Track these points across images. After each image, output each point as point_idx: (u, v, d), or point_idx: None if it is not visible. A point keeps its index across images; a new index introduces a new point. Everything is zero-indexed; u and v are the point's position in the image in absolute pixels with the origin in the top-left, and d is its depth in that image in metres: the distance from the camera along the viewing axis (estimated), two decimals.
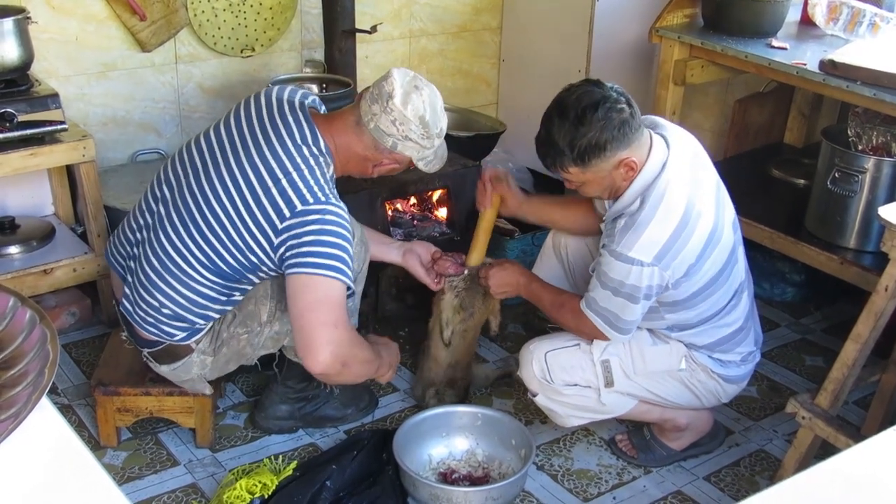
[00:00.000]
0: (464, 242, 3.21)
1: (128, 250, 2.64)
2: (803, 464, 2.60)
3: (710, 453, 2.92)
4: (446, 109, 4.56)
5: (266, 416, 2.93)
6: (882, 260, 2.45)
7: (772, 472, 2.84)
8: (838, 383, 2.52)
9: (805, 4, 3.61)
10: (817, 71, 3.09)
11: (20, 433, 1.16)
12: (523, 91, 4.45)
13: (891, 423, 1.54)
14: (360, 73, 3.73)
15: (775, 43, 3.37)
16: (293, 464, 2.71)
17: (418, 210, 3.56)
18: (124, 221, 2.69)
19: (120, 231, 2.69)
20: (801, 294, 3.79)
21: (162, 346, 2.60)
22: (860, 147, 3.24)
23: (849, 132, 3.29)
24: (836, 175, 3.20)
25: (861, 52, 3.10)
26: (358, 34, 3.55)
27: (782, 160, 4.01)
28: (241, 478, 2.61)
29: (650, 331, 2.66)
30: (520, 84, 4.47)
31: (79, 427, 2.92)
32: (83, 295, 3.45)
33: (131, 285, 2.59)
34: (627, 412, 2.75)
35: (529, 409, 3.03)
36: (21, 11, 3.09)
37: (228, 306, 2.59)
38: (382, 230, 3.16)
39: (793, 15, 3.63)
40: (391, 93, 2.43)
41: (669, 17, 3.61)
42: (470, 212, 3.40)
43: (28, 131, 3.02)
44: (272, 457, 2.80)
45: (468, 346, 3.02)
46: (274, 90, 2.60)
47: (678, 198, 2.42)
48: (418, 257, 2.92)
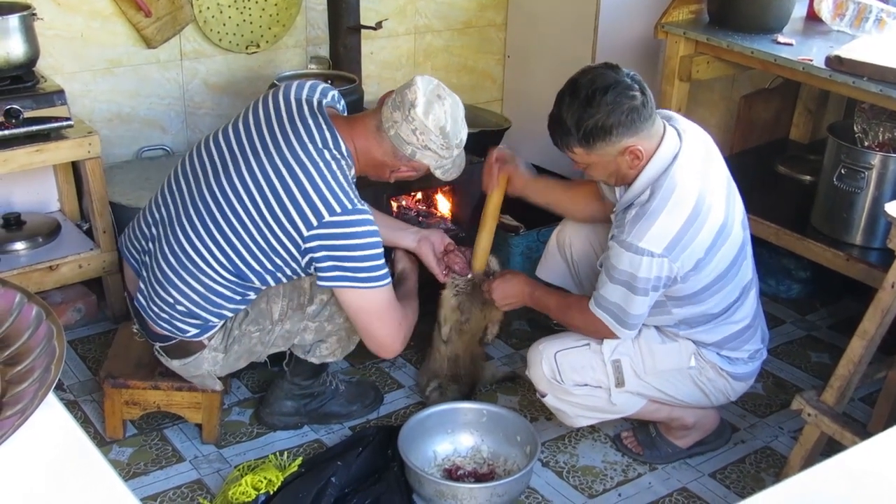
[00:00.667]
0: (469, 239, 3.20)
1: (142, 245, 2.64)
2: (809, 461, 2.60)
3: (716, 451, 2.91)
4: None
5: (271, 413, 2.93)
6: (888, 256, 2.45)
7: (777, 470, 2.83)
8: (844, 380, 2.51)
9: (811, 0, 3.60)
10: (823, 67, 3.08)
11: (27, 429, 1.16)
12: (528, 87, 4.45)
13: None
14: (365, 70, 3.73)
15: (781, 39, 3.36)
16: (298, 460, 2.71)
17: (423, 206, 3.56)
18: (139, 215, 2.69)
19: (135, 224, 2.69)
20: (807, 291, 3.78)
21: (174, 342, 2.61)
22: (866, 143, 3.23)
23: (855, 128, 3.28)
24: (843, 171, 3.19)
25: (867, 48, 3.09)
26: (363, 31, 3.55)
27: (788, 156, 4.00)
28: (247, 474, 2.62)
29: (658, 330, 2.65)
30: (525, 80, 4.46)
31: (84, 423, 2.92)
32: (89, 291, 3.45)
33: (146, 280, 2.59)
34: (637, 412, 2.75)
35: (535, 406, 3.03)
36: (27, 8, 3.09)
37: (243, 305, 2.60)
38: None
39: (799, 11, 3.62)
40: (413, 101, 2.43)
41: (675, 13, 3.60)
42: (475, 208, 3.40)
43: (34, 128, 3.03)
44: (277, 453, 2.81)
45: (467, 346, 3.02)
46: (292, 88, 2.58)
47: (689, 190, 2.42)
48: (432, 246, 2.92)
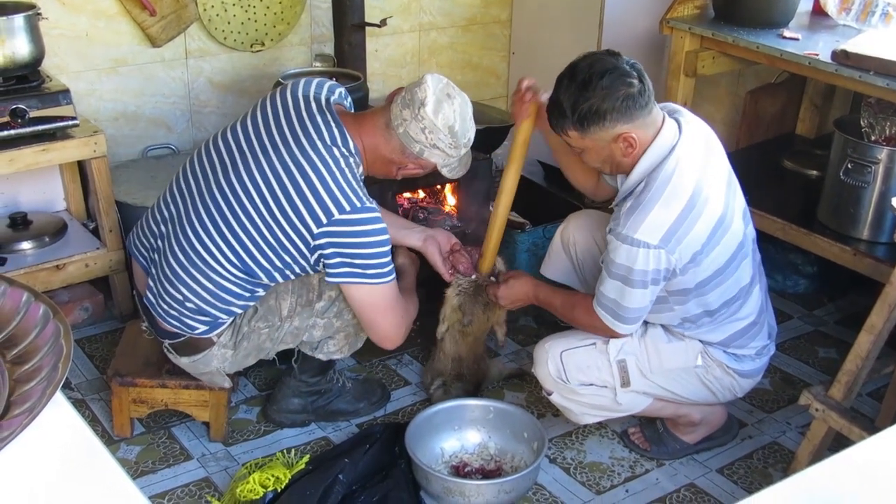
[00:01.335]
0: (475, 236, 3.21)
1: (151, 242, 2.64)
2: (817, 456, 2.59)
3: (724, 446, 2.91)
4: None
5: (278, 410, 2.94)
6: (895, 251, 2.45)
7: (785, 465, 2.83)
8: (852, 375, 2.51)
9: None
10: (829, 61, 3.08)
11: (35, 428, 1.16)
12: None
13: None
14: (370, 67, 3.73)
15: (787, 33, 3.35)
16: (306, 458, 2.72)
17: (429, 202, 3.56)
18: (148, 213, 2.70)
19: (143, 222, 2.70)
20: (814, 286, 3.77)
21: (183, 339, 2.61)
22: (873, 137, 3.23)
23: (861, 122, 3.27)
24: (849, 166, 3.18)
25: (874, 42, 3.08)
26: (367, 28, 3.55)
27: (794, 151, 3.99)
28: (254, 472, 2.62)
29: (665, 329, 2.65)
30: (530, 77, 4.45)
31: (92, 421, 2.93)
32: (95, 290, 3.46)
33: (155, 278, 2.60)
34: (643, 409, 2.75)
35: (541, 402, 3.03)
36: (32, 7, 3.09)
37: (252, 302, 2.60)
38: None
39: (804, 5, 3.61)
40: (424, 100, 2.43)
41: (680, 8, 3.60)
42: (480, 204, 3.41)
43: (39, 127, 3.03)
44: (285, 451, 2.81)
45: (470, 347, 3.02)
46: (300, 86, 2.59)
47: (686, 181, 2.41)
48: (438, 245, 2.92)
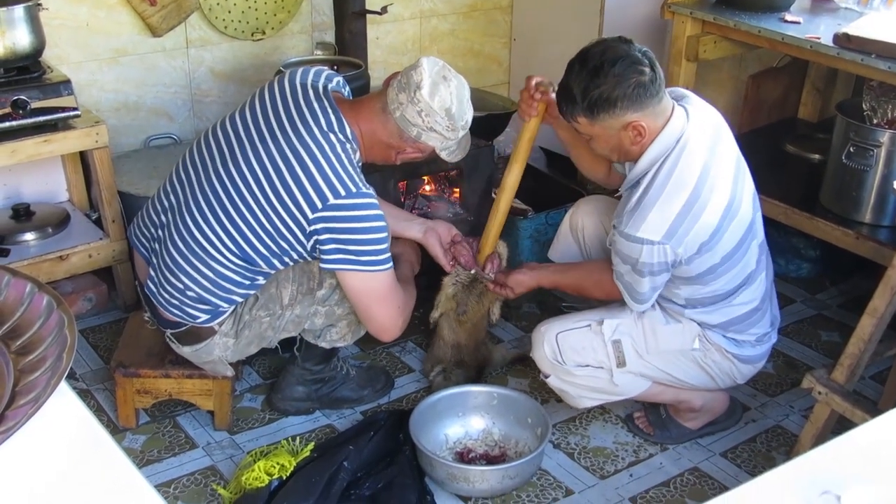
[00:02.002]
0: (477, 224, 3.21)
1: (152, 232, 2.65)
2: (820, 439, 2.60)
3: (727, 430, 2.92)
4: None
5: (283, 398, 2.95)
6: None
7: (788, 448, 2.84)
8: (854, 358, 2.51)
9: None
10: (831, 45, 3.07)
11: (40, 418, 1.17)
12: (535, 70, 4.35)
13: None
14: (371, 55, 3.72)
15: (788, 17, 3.34)
16: (310, 445, 2.72)
17: (432, 191, 3.56)
18: (148, 203, 2.71)
19: (144, 213, 2.71)
20: (817, 269, 3.77)
21: (185, 328, 2.62)
22: (875, 121, 3.22)
23: (864, 106, 3.26)
24: (851, 149, 3.18)
25: (875, 25, 3.07)
26: (368, 15, 3.54)
27: (797, 135, 3.99)
28: (260, 459, 2.62)
29: (664, 310, 2.65)
30: (531, 63, 4.45)
31: (97, 411, 2.94)
32: (99, 280, 3.46)
33: (156, 267, 2.61)
34: (641, 393, 2.75)
35: (545, 388, 3.03)
36: None
37: (252, 290, 2.61)
38: None
39: None
40: (419, 83, 2.43)
41: None
42: (483, 191, 3.41)
43: (41, 118, 3.03)
44: (289, 438, 2.82)
45: (469, 334, 3.03)
46: (297, 74, 2.60)
47: (691, 171, 2.41)
48: (438, 237, 2.93)
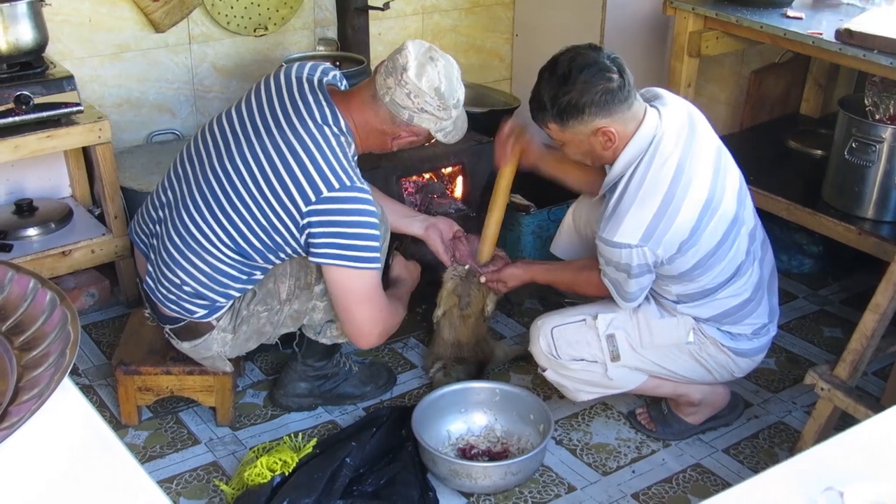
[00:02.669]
0: (479, 220, 3.20)
1: (151, 228, 2.66)
2: (823, 435, 2.60)
3: (729, 426, 2.92)
4: None
5: (285, 394, 2.95)
6: None
7: (791, 444, 2.84)
8: (857, 354, 2.51)
9: None
10: (833, 40, 3.07)
11: (43, 413, 1.17)
12: (537, 66, 4.35)
13: None
14: (374, 51, 3.72)
15: (790, 13, 3.34)
16: (313, 441, 2.72)
17: (434, 187, 3.55)
18: (147, 200, 2.71)
19: (143, 209, 2.71)
20: (819, 265, 3.77)
21: (183, 323, 2.62)
22: (877, 116, 3.22)
23: (866, 101, 3.26)
24: (854, 145, 3.18)
25: (878, 21, 3.07)
26: (371, 11, 3.54)
27: (799, 131, 3.98)
28: (262, 455, 2.63)
29: (658, 304, 2.65)
30: (534, 59, 4.42)
31: (100, 407, 2.94)
32: (102, 276, 3.47)
33: (154, 263, 2.61)
34: (638, 387, 2.75)
35: (547, 385, 3.03)
36: None
37: (249, 285, 2.61)
38: None
39: None
40: (405, 65, 2.43)
41: None
42: (485, 188, 3.40)
43: (44, 114, 3.04)
44: (292, 434, 2.82)
45: (471, 330, 3.03)
46: (293, 68, 2.60)
47: (664, 172, 2.41)
48: (440, 233, 2.93)
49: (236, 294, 2.60)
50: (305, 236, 2.45)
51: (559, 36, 4.21)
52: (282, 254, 2.53)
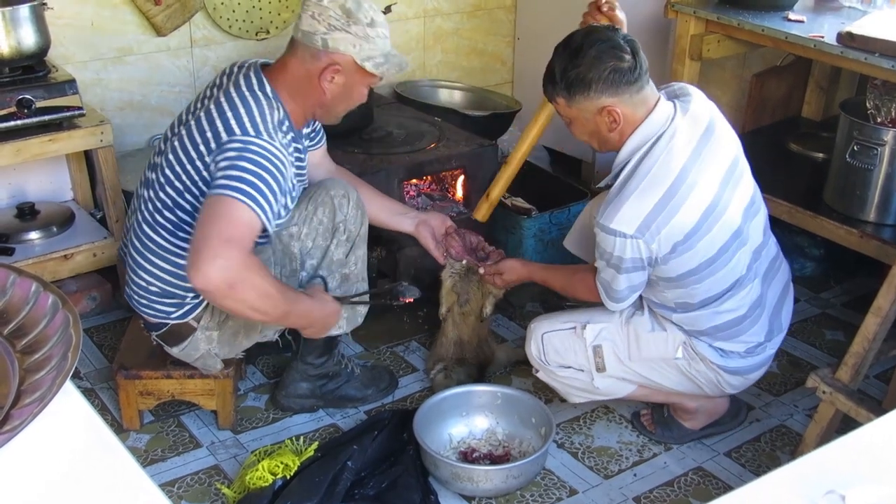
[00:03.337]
0: (480, 223, 3.20)
1: (123, 239, 2.69)
2: (824, 438, 2.60)
3: (730, 432, 2.91)
4: (461, 89, 4.54)
5: (287, 395, 2.94)
6: None
7: (793, 447, 2.84)
8: (859, 357, 2.51)
9: None
10: (835, 43, 3.06)
11: (45, 417, 1.17)
12: (539, 69, 4.35)
13: None
14: None
15: (792, 16, 3.34)
16: (314, 444, 2.72)
17: (434, 189, 3.56)
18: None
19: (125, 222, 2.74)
20: (821, 268, 3.77)
21: (166, 329, 2.62)
22: (879, 119, 3.22)
23: (867, 105, 3.26)
24: (855, 148, 3.18)
25: (879, 24, 3.07)
26: None
27: (800, 134, 3.98)
28: (263, 459, 2.63)
29: (651, 315, 2.64)
30: (535, 62, 4.42)
31: (102, 410, 2.94)
32: (103, 280, 3.47)
33: (126, 271, 2.64)
34: (628, 395, 2.76)
35: (549, 388, 3.03)
36: None
37: None
38: None
39: None
40: None
41: None
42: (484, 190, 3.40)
43: (46, 117, 3.04)
44: (293, 438, 2.82)
45: (473, 329, 3.03)
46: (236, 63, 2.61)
47: (670, 168, 2.39)
48: (431, 229, 2.92)
49: None
50: (211, 179, 2.35)
51: (561, 39, 4.21)
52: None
